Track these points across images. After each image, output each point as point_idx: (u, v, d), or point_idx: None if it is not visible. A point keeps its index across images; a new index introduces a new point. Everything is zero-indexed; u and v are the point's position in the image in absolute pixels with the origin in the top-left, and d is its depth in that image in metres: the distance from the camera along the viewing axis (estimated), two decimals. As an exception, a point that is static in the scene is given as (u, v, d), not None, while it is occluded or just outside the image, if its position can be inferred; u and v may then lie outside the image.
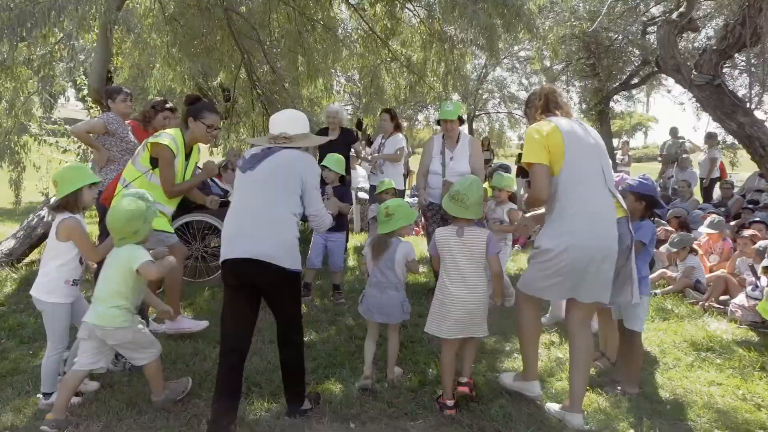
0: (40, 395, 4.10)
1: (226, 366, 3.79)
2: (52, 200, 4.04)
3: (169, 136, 5.03)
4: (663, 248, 7.95)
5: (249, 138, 4.70)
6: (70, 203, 4.06)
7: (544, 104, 4.10)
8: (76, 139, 11.01)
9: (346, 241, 7.25)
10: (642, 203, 4.45)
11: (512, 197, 6.70)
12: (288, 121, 4.03)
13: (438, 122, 6.76)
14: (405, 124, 27.73)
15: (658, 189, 4.55)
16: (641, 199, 4.45)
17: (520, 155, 19.08)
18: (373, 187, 8.18)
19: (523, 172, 18.45)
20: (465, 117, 6.57)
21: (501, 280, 4.37)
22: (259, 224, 3.72)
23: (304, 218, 4.04)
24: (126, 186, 5.02)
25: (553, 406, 4.13)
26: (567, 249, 3.81)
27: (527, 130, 4.03)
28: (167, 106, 6.39)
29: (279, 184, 3.81)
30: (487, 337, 5.28)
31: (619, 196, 4.02)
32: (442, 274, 4.24)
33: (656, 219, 9.33)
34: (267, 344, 5.18)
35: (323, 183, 5.93)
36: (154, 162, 5.03)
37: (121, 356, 4.46)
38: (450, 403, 4.10)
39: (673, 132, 16.30)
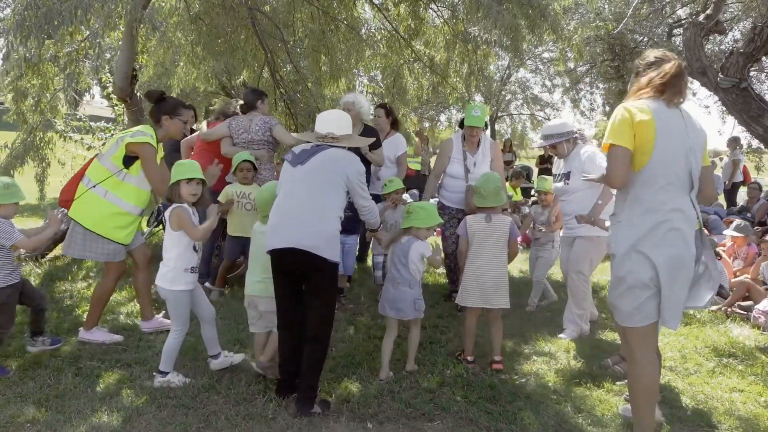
0: (156, 373, 4.39)
1: (281, 339, 4.18)
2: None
3: (148, 134, 5.00)
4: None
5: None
6: (170, 195, 4.36)
7: (660, 85, 3.42)
8: (100, 136, 11.15)
9: (361, 245, 7.03)
10: None
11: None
12: (335, 122, 4.27)
13: (461, 125, 6.46)
14: (427, 124, 27.70)
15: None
16: None
17: (541, 157, 19.02)
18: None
19: (545, 174, 18.39)
20: (488, 120, 6.51)
21: (514, 258, 5.05)
22: (303, 216, 3.93)
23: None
24: (93, 187, 5.00)
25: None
26: (634, 259, 3.37)
27: (619, 108, 3.44)
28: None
29: (325, 179, 4.05)
30: (506, 341, 5.29)
31: (698, 208, 3.53)
32: (470, 253, 4.88)
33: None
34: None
35: None
36: (127, 161, 4.98)
37: (39, 336, 4.87)
38: (471, 358, 4.88)
39: None
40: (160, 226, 8.06)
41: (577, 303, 5.67)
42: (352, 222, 5.48)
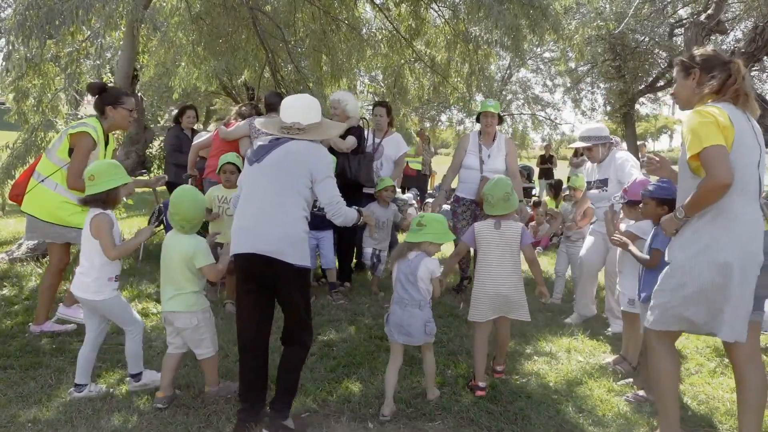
0: (129, 378, 4.28)
1: (243, 363, 3.83)
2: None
3: (89, 125, 4.99)
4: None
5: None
6: (106, 199, 4.03)
7: (735, 90, 3.32)
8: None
9: (351, 238, 7.07)
10: (664, 208, 4.03)
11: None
12: (302, 111, 3.83)
13: (478, 119, 6.79)
14: (428, 124, 27.70)
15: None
16: (663, 204, 4.09)
17: (542, 157, 19.00)
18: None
19: (546, 174, 18.39)
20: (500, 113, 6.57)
21: (538, 266, 4.69)
22: (265, 219, 3.63)
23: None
24: (42, 181, 5.02)
25: None
26: (706, 267, 3.24)
27: (694, 112, 3.29)
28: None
29: (286, 176, 3.67)
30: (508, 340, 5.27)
31: (766, 210, 3.43)
32: (479, 262, 4.54)
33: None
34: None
35: None
36: (72, 153, 4.99)
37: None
38: (482, 384, 4.35)
39: None
40: (161, 226, 8.05)
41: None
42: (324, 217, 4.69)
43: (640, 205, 4.42)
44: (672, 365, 3.56)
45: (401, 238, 8.32)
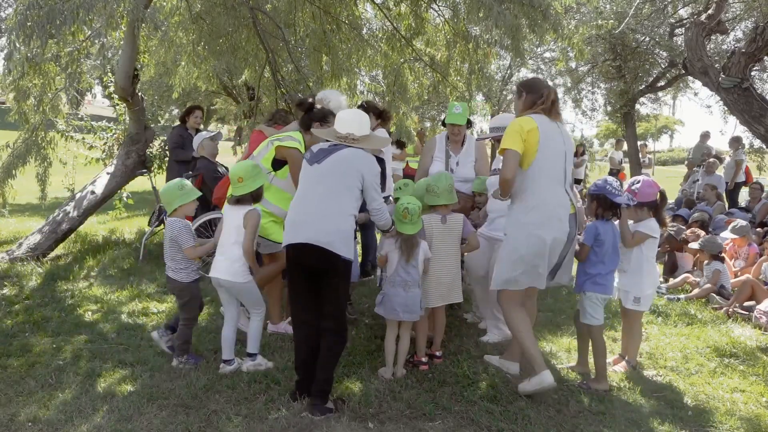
0: (222, 363, 4.64)
1: (297, 338, 4.28)
2: (231, 194, 4.70)
3: (296, 140, 5.14)
4: (695, 245, 7.74)
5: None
6: (256, 196, 4.62)
7: (548, 105, 4.42)
8: (101, 135, 11.17)
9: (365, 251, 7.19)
10: (593, 203, 4.77)
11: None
12: (355, 123, 4.33)
13: (443, 124, 6.12)
14: (428, 124, 27.68)
15: (656, 193, 4.65)
16: (592, 200, 4.79)
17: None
18: None
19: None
20: (471, 118, 6.45)
21: (477, 248, 5.12)
22: (321, 214, 4.05)
23: None
24: None
25: (492, 358, 4.89)
26: (526, 237, 4.30)
27: (513, 121, 4.41)
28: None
29: (341, 178, 4.14)
30: (507, 339, 5.28)
31: (573, 196, 4.50)
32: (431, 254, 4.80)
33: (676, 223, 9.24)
34: (288, 342, 5.20)
35: None
36: (276, 164, 5.13)
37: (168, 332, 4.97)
38: (425, 359, 4.85)
39: (703, 136, 16.02)
40: (161, 226, 8.06)
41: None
42: None
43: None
44: (523, 314, 4.48)
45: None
